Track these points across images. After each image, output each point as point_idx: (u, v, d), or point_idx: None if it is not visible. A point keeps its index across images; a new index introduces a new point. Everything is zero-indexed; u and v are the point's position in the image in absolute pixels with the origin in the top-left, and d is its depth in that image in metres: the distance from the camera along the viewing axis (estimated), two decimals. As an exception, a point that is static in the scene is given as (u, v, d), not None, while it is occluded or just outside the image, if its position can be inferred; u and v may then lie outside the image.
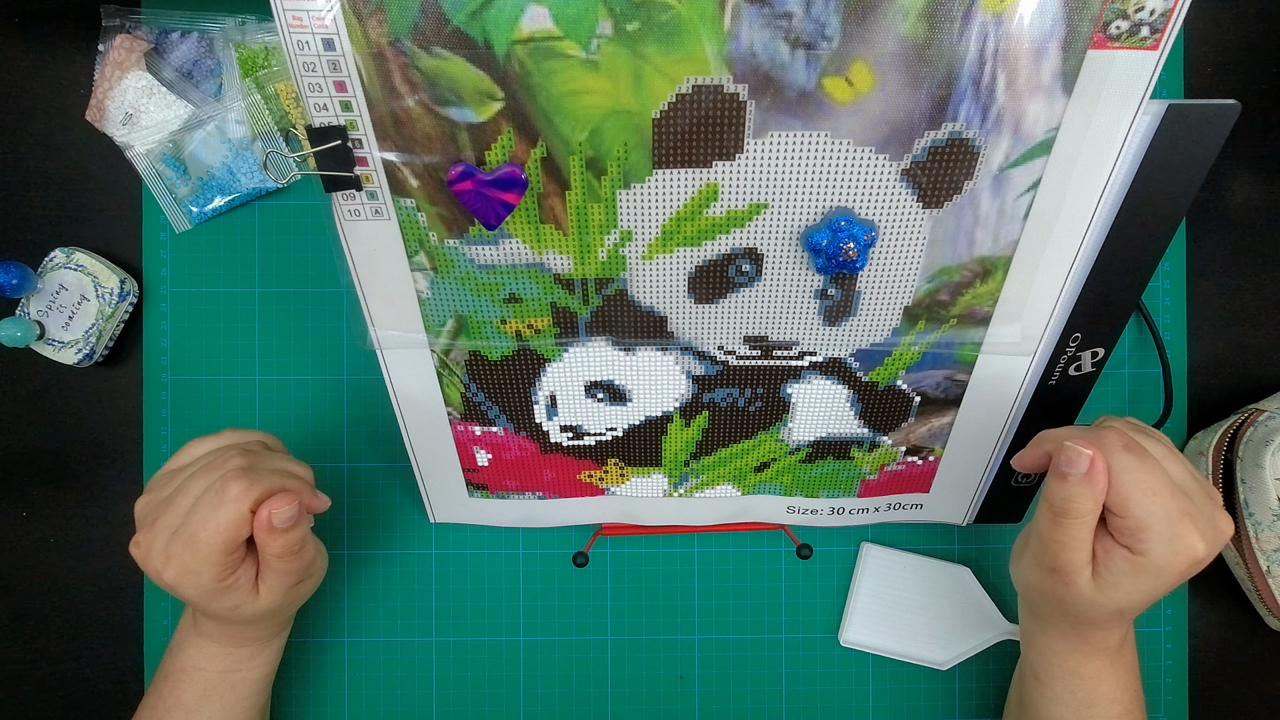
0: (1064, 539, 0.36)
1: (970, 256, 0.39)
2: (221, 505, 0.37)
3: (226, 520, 0.36)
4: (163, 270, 0.50)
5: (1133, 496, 0.35)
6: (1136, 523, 0.35)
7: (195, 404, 0.51)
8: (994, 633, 0.51)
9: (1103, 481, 0.35)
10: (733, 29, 0.32)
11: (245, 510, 0.37)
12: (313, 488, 0.41)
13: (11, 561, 0.52)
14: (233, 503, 0.36)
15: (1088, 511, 0.36)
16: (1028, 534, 0.40)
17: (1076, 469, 0.35)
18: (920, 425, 0.46)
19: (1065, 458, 0.36)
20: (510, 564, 0.52)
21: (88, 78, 0.48)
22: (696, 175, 0.36)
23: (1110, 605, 0.37)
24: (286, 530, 0.38)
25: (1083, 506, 0.36)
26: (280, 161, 0.49)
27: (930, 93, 0.33)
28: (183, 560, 0.37)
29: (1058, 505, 0.36)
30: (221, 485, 0.37)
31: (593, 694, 0.53)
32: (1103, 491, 0.35)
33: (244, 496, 0.37)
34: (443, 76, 0.33)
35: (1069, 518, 0.36)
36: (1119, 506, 0.35)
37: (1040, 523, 0.38)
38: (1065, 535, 0.36)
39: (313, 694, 0.52)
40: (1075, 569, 0.37)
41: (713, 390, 0.45)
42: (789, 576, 0.53)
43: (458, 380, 0.44)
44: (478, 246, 0.38)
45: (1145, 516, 0.35)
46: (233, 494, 0.37)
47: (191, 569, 0.37)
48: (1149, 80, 0.33)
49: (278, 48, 0.48)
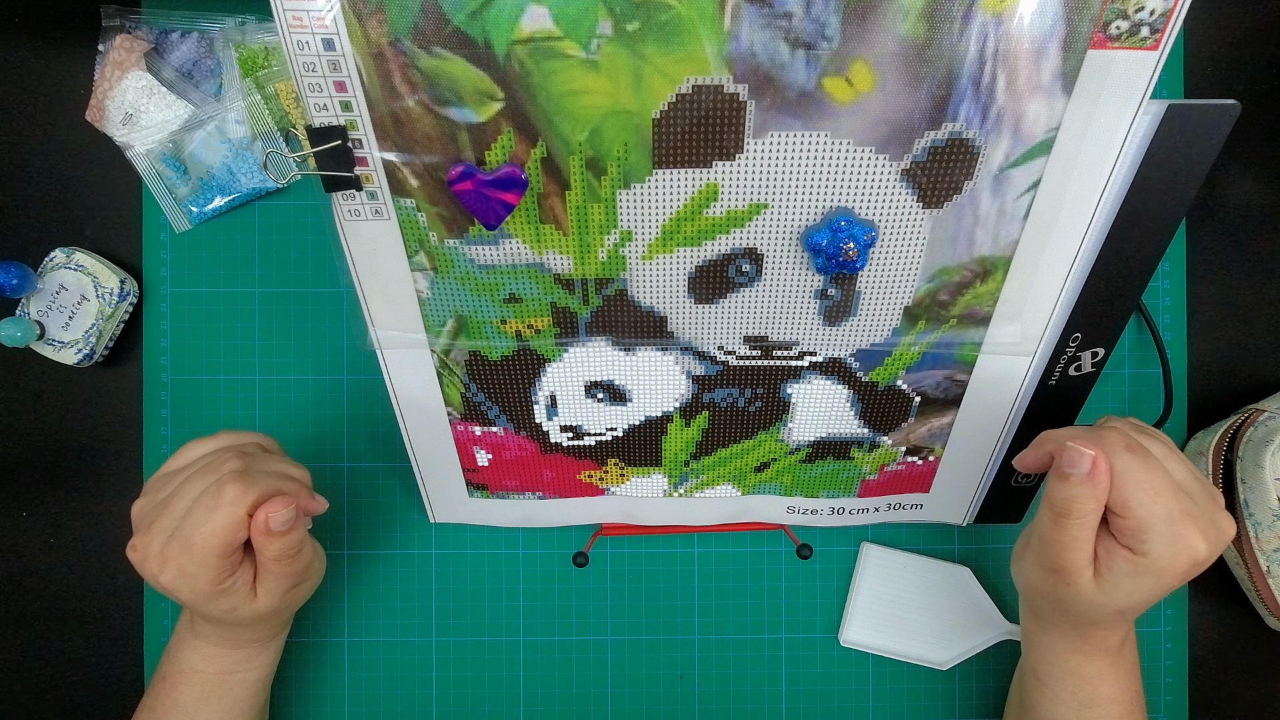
0: (1065, 539, 0.36)
1: (970, 256, 0.39)
2: (218, 509, 0.36)
3: (222, 523, 0.36)
4: (163, 270, 0.50)
5: (1135, 496, 0.35)
6: (1138, 523, 0.35)
7: (195, 404, 0.51)
8: (994, 633, 0.51)
9: (1105, 482, 0.35)
10: (733, 29, 0.32)
11: (241, 514, 0.37)
12: (310, 489, 0.41)
13: (11, 561, 0.52)
14: (229, 506, 0.36)
15: (1089, 512, 0.36)
16: (1029, 534, 0.40)
17: (1078, 469, 0.35)
18: (920, 425, 0.46)
19: (1067, 458, 0.36)
20: (510, 564, 0.52)
21: (88, 78, 0.48)
22: (696, 175, 0.36)
23: (1111, 605, 0.37)
24: (283, 533, 0.38)
25: (1084, 507, 0.36)
26: (280, 161, 0.49)
27: (930, 93, 0.33)
28: (179, 564, 0.37)
29: (1059, 505, 0.36)
30: (217, 489, 0.37)
31: (593, 694, 0.53)
32: (1105, 492, 0.35)
33: (240, 500, 0.37)
34: (443, 76, 0.33)
35: (1071, 518, 0.36)
36: (1121, 506, 0.35)
37: (1042, 523, 0.38)
38: (1067, 535, 0.36)
39: (313, 694, 0.52)
40: (1077, 569, 0.37)
41: (713, 390, 0.45)
42: (789, 576, 0.53)
43: (458, 380, 0.44)
44: (478, 246, 0.38)
45: (1147, 517, 0.35)
46: (229, 497, 0.36)
47: (188, 572, 0.37)
48: (1149, 80, 0.33)
49: (278, 48, 0.48)
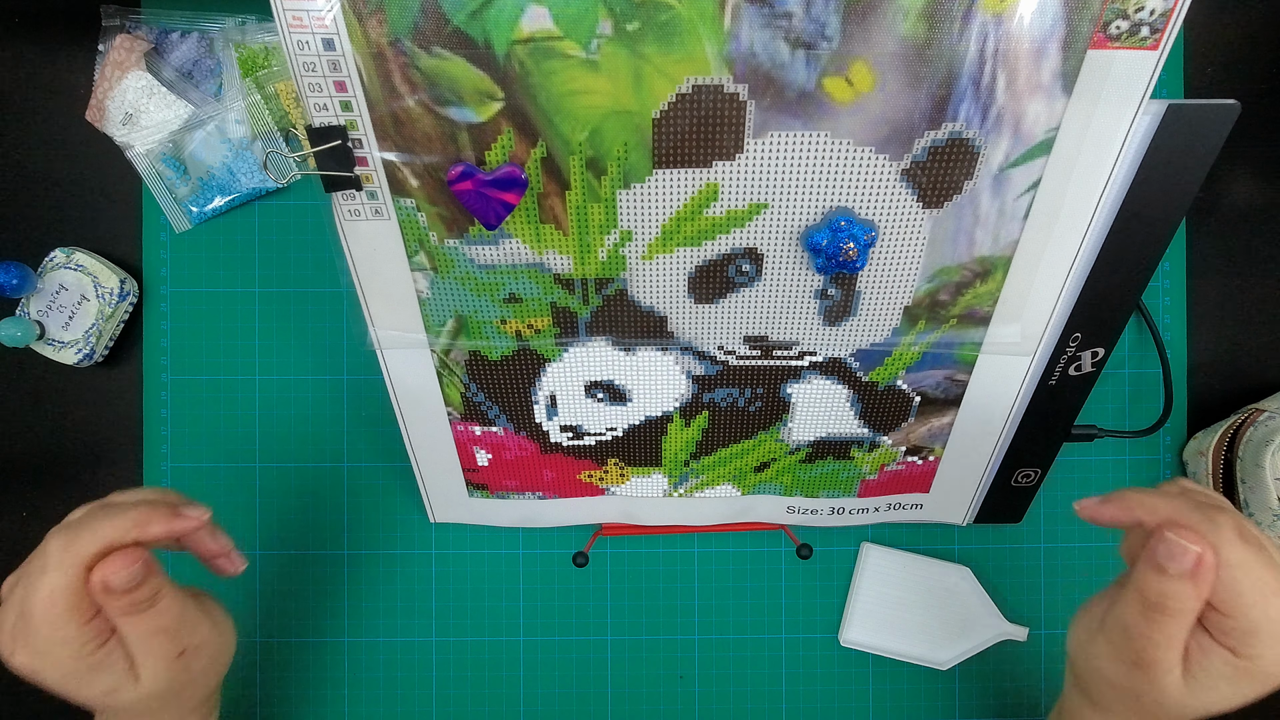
0: (1157, 636, 0.32)
1: (970, 256, 0.39)
2: (45, 570, 0.32)
3: (51, 586, 0.32)
4: (163, 270, 0.50)
5: (1246, 596, 0.30)
6: (1249, 625, 0.31)
7: (195, 404, 0.51)
8: (994, 633, 0.51)
9: (1210, 579, 0.31)
10: (733, 29, 0.32)
11: (72, 573, 0.32)
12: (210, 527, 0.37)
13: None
14: (54, 567, 0.32)
15: (1189, 610, 0.31)
16: (1100, 613, 0.35)
17: (1181, 565, 0.31)
18: (920, 425, 0.46)
19: (1165, 549, 0.31)
20: (510, 564, 0.52)
21: (88, 78, 0.48)
22: (696, 175, 0.36)
23: (1200, 708, 0.33)
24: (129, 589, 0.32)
25: (1183, 605, 0.31)
26: (280, 161, 0.49)
27: (930, 93, 0.33)
28: (28, 641, 0.32)
29: (1153, 599, 0.31)
30: (42, 548, 0.33)
31: (593, 694, 0.53)
32: (1209, 590, 0.31)
33: (63, 555, 0.32)
34: (443, 76, 0.33)
35: (1165, 615, 0.31)
36: (1228, 605, 0.31)
37: (1126, 612, 0.33)
38: (1159, 633, 0.32)
39: (313, 694, 0.52)
40: (1165, 668, 0.32)
41: (713, 390, 0.45)
42: (789, 576, 0.53)
43: (458, 380, 0.44)
44: (478, 246, 0.38)
45: (1260, 620, 0.30)
46: (53, 556, 0.32)
47: (40, 649, 0.32)
48: (1149, 80, 0.33)
49: (278, 48, 0.48)
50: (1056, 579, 0.52)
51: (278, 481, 0.51)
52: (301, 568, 0.52)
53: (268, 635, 0.52)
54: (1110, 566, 0.52)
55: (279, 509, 0.52)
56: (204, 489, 0.51)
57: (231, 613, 0.40)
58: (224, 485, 0.51)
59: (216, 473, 0.51)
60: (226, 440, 0.51)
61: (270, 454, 0.51)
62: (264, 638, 0.52)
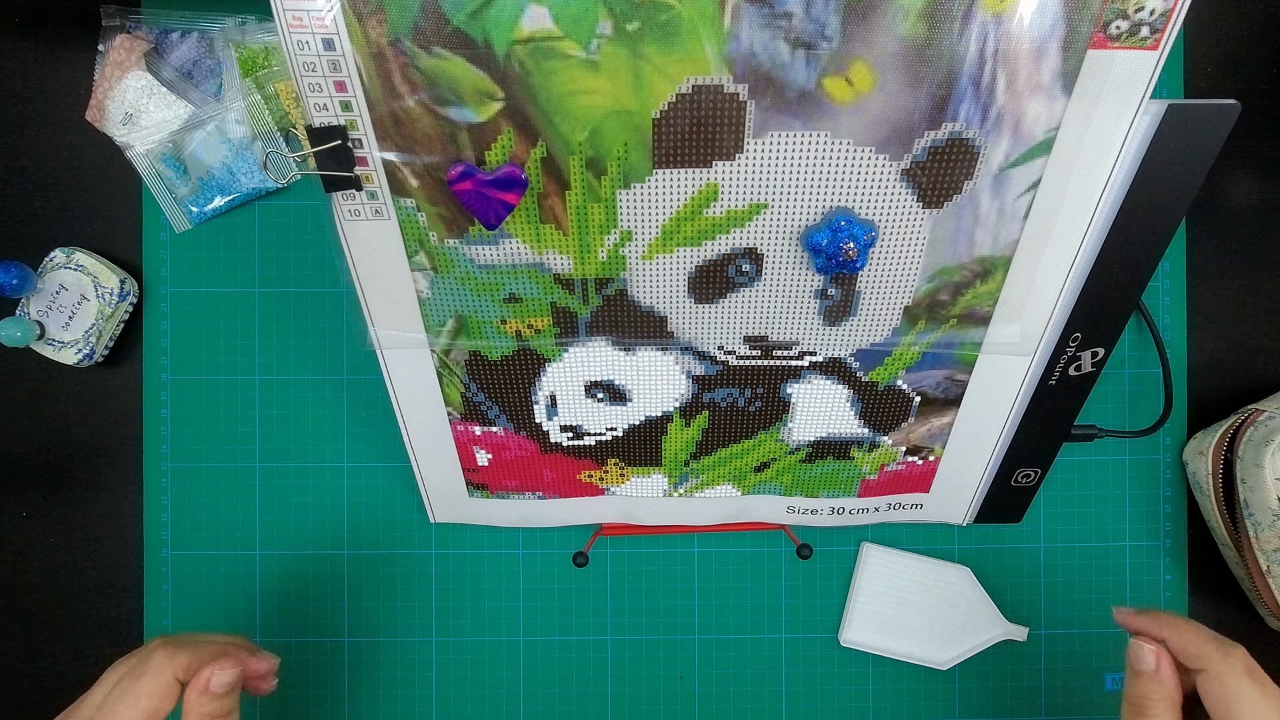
0: None
1: (970, 256, 0.39)
2: (144, 674, 0.34)
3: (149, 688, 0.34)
4: (163, 270, 0.50)
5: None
6: None
7: (195, 404, 0.51)
8: (994, 633, 0.51)
9: (1171, 681, 0.36)
10: (733, 29, 0.32)
11: (170, 677, 0.34)
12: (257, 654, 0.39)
13: (11, 561, 0.52)
14: (156, 671, 0.34)
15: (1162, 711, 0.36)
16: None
17: (1144, 664, 0.36)
18: (920, 425, 0.46)
19: (1133, 653, 0.36)
20: (510, 564, 0.52)
21: (88, 78, 0.48)
22: (696, 175, 0.36)
23: None
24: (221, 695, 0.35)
25: (1156, 703, 0.36)
26: (280, 161, 0.49)
27: (930, 93, 0.33)
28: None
29: (1135, 701, 0.37)
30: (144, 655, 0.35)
31: (593, 694, 0.53)
32: (1175, 690, 0.36)
33: (168, 662, 0.34)
34: (443, 76, 0.33)
35: (1144, 716, 0.36)
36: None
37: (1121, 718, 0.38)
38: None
39: (313, 694, 0.52)
40: None
41: (713, 390, 0.45)
42: (789, 576, 0.53)
43: (458, 380, 0.44)
44: (478, 246, 0.38)
45: None
46: (156, 661, 0.34)
47: None
48: (1149, 80, 0.33)
49: (278, 48, 0.48)
50: (1056, 579, 0.52)
51: (278, 481, 0.51)
52: (301, 568, 0.52)
53: (267, 635, 0.52)
54: (1110, 566, 0.52)
55: (279, 509, 0.52)
56: (204, 489, 0.51)
57: (231, 613, 0.40)
58: (224, 485, 0.51)
59: (216, 473, 0.51)
60: (226, 440, 0.51)
61: (270, 454, 0.51)
62: (264, 638, 0.52)
